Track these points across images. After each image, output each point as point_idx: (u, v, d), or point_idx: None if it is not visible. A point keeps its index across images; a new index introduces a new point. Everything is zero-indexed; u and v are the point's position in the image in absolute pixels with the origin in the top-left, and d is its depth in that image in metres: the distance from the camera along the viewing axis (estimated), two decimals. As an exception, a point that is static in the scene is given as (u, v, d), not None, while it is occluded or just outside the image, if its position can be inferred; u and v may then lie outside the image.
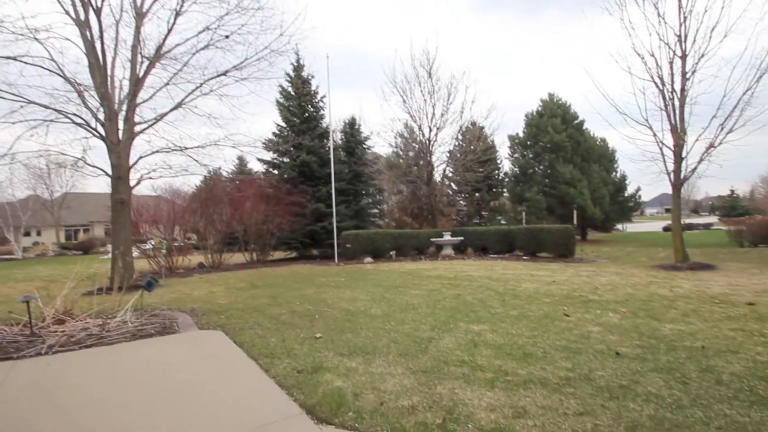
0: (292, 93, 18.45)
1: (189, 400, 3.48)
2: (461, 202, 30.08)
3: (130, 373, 4.17)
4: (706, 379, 3.38)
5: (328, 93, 16.22)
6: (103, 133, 10.33)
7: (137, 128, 10.84)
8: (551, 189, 25.96)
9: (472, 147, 22.15)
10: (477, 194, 28.80)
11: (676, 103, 11.03)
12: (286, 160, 18.34)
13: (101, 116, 10.31)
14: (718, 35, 10.43)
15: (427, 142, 21.21)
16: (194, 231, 17.14)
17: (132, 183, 10.95)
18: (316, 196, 17.27)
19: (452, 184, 27.73)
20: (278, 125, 18.49)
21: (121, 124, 10.59)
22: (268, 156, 18.53)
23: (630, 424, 2.72)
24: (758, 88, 10.22)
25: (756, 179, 54.68)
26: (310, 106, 18.80)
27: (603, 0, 12.06)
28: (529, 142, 27.72)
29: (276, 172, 18.39)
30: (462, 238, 16.51)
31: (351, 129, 21.24)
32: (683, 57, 10.85)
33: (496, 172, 29.34)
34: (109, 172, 10.52)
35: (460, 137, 23.29)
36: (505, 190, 29.69)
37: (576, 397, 3.15)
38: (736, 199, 50.29)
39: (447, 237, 16.28)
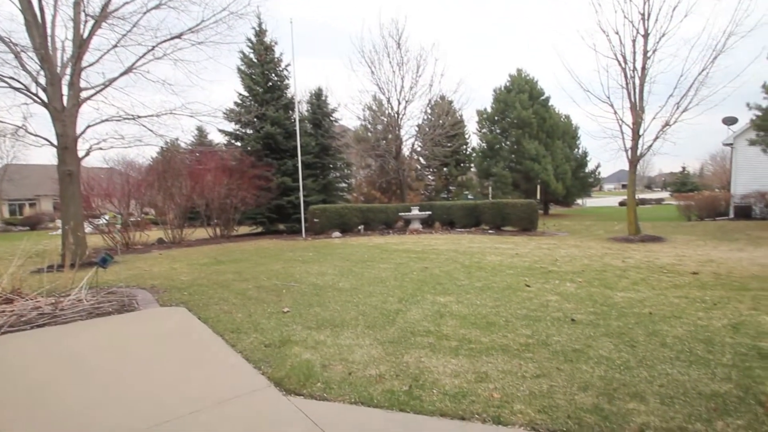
0: (255, 60, 17.53)
1: (153, 376, 3.39)
2: (429, 176, 30.28)
3: (88, 352, 4.00)
4: (651, 342, 3.65)
5: (293, 61, 15.56)
6: (45, 99, 9.45)
7: (84, 94, 10.00)
8: (517, 164, 26.55)
9: (440, 121, 22.15)
10: (445, 169, 29.05)
11: (637, 81, 11.41)
12: (249, 131, 17.60)
13: (42, 80, 9.40)
14: (679, 15, 10.76)
15: (396, 115, 21.00)
16: (152, 205, 16.33)
17: (80, 154, 10.19)
18: (282, 170, 16.81)
19: (421, 158, 27.79)
20: (240, 94, 17.62)
21: (65, 90, 9.72)
22: (230, 127, 17.72)
23: (582, 385, 2.90)
24: (713, 68, 10.72)
25: (706, 157, 58.31)
26: (273, 75, 17.97)
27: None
28: (496, 118, 27.99)
29: (239, 144, 17.65)
30: (430, 212, 16.72)
31: (318, 100, 20.60)
32: (645, 35, 11.14)
33: (464, 147, 29.58)
34: (55, 141, 9.71)
35: (428, 111, 23.21)
36: (472, 165, 30.08)
37: (534, 361, 3.32)
38: (687, 176, 53.52)
39: (415, 211, 16.44)
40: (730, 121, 21.52)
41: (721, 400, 2.63)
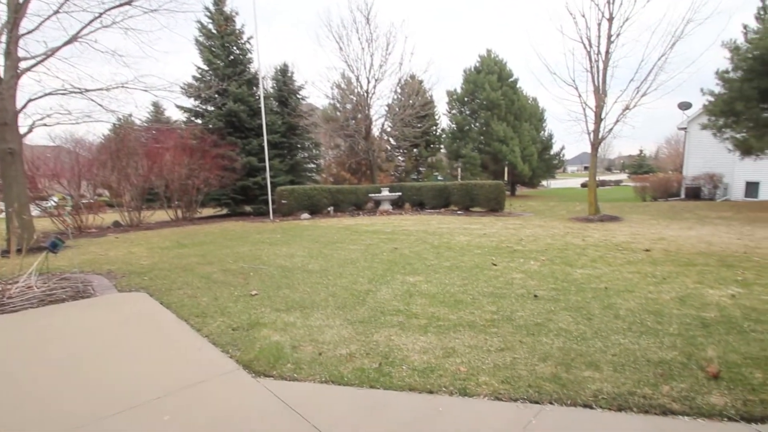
0: (214, 31, 16.60)
1: (114, 363, 3.26)
2: (400, 157, 30.25)
3: (43, 341, 3.78)
4: (606, 315, 3.87)
5: (256, 34, 14.84)
6: (-23, 69, 8.57)
7: (23, 65, 9.13)
8: (486, 146, 26.97)
9: (411, 101, 22.02)
10: (415, 150, 29.09)
11: (601, 65, 11.73)
12: (210, 108, 16.78)
13: (-27, 48, 8.50)
14: (642, 1, 11.06)
15: (366, 94, 20.65)
16: (106, 186, 15.41)
17: (22, 131, 9.39)
18: (247, 150, 16.26)
19: (391, 139, 27.66)
20: (199, 68, 16.68)
21: (1, 60, 8.84)
22: (189, 103, 16.84)
23: (542, 356, 3.05)
24: (671, 54, 11.17)
25: (662, 141, 61.46)
26: (235, 48, 17.11)
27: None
28: (466, 99, 28.14)
29: (199, 121, 16.84)
30: (400, 193, 16.78)
31: (283, 77, 19.90)
32: (610, 19, 11.41)
33: (434, 128, 29.66)
34: (-8, 116, 8.87)
35: (398, 91, 22.98)
36: (442, 146, 30.28)
37: (499, 335, 3.45)
38: (643, 159, 56.35)
39: (385, 193, 16.44)
40: (685, 106, 22.69)
41: (667, 366, 2.84)
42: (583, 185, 35.49)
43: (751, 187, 19.35)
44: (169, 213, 15.19)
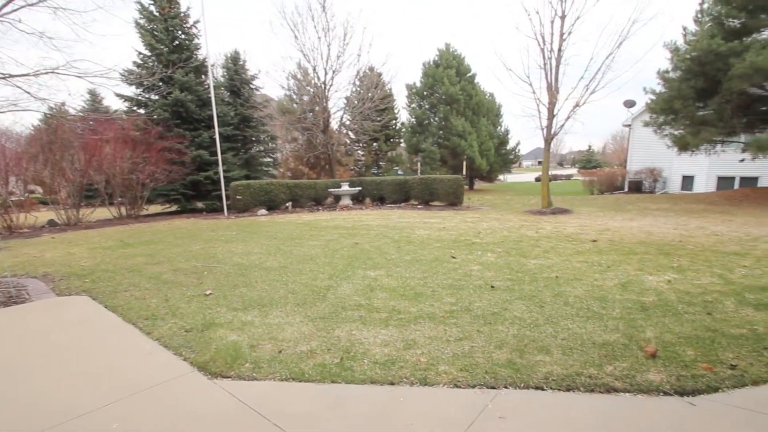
0: (156, 13, 15.55)
1: (55, 372, 3.01)
2: (359, 151, 30.14)
3: (-40, 354, 3.41)
4: (557, 302, 4.08)
5: (203, 17, 14.11)
6: None
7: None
8: (445, 140, 27.47)
9: (370, 94, 21.93)
10: (375, 144, 29.09)
11: (553, 62, 12.24)
12: (154, 97, 15.71)
13: None
14: (592, 0, 11.62)
15: (323, 86, 20.32)
16: (38, 182, 14.11)
17: (-64, 119, 8.36)
18: (197, 142, 15.47)
19: (350, 132, 27.46)
20: (140, 53, 15.53)
21: None
22: (130, 91, 15.68)
23: (498, 343, 3.17)
24: (618, 53, 11.83)
25: (608, 137, 65.56)
26: (180, 32, 16.11)
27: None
28: (425, 93, 28.45)
29: (142, 111, 15.77)
30: (360, 188, 16.73)
31: (235, 65, 19.12)
32: (563, 17, 11.90)
33: (394, 122, 29.80)
34: None
35: (357, 83, 22.81)
36: (402, 140, 30.49)
37: (457, 326, 3.54)
38: (592, 154, 59.87)
39: (345, 187, 16.32)
40: (629, 103, 24.30)
41: (610, 348, 3.04)
42: (537, 179, 37.17)
43: (687, 181, 21.16)
44: (112, 210, 14.20)
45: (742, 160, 14.69)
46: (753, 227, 8.42)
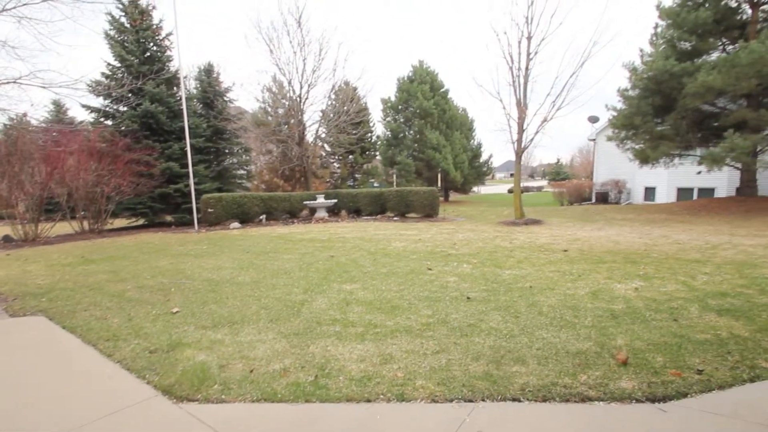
0: (127, 25, 15.24)
1: (5, 399, 2.76)
2: (335, 164, 30.10)
3: None
4: (531, 312, 4.12)
5: (176, 30, 13.77)
6: None
7: None
8: (420, 153, 27.85)
9: (345, 108, 22.03)
10: (351, 156, 29.14)
11: (521, 80, 12.69)
12: (122, 108, 15.30)
13: None
14: (555, 23, 12.24)
15: (299, 99, 20.28)
16: (-6, 196, 13.31)
17: None
18: (167, 154, 15.05)
19: (325, 145, 27.43)
20: (109, 64, 15.15)
21: None
22: (98, 102, 15.22)
23: (475, 355, 3.15)
24: (581, 72, 12.43)
25: (575, 150, 68.21)
26: (152, 44, 15.86)
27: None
28: (400, 107, 28.87)
29: (110, 123, 15.29)
30: (336, 200, 16.63)
31: (208, 77, 18.87)
32: (529, 38, 12.41)
33: (369, 134, 30.01)
34: None
35: (333, 97, 22.89)
36: (377, 153, 30.69)
37: (434, 339, 3.51)
38: (561, 167, 62.09)
39: (320, 200, 16.19)
40: (593, 119, 25.41)
41: (583, 356, 3.08)
42: (510, 191, 38.15)
43: (649, 192, 22.19)
44: (74, 225, 13.51)
45: (699, 173, 15.55)
46: (711, 236, 8.87)
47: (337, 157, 29.42)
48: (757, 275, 5.26)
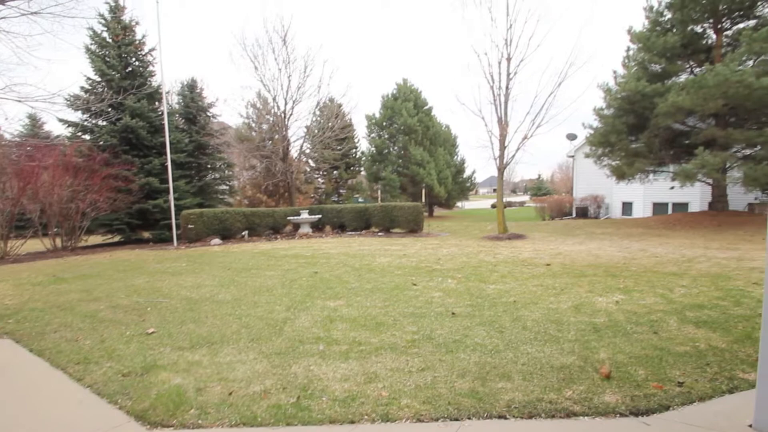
0: (109, 40, 15.12)
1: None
2: (319, 179, 30.04)
3: None
4: (516, 326, 4.13)
5: (159, 46, 13.67)
6: None
7: None
8: (404, 169, 28.09)
9: (330, 124, 22.14)
10: (335, 172, 29.14)
11: (502, 99, 13.04)
12: (102, 123, 15.07)
13: None
14: (533, 45, 12.68)
15: (283, 115, 20.29)
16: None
17: None
18: (147, 169, 14.79)
19: (310, 161, 27.40)
20: (89, 79, 14.96)
21: None
22: (76, 116, 14.95)
23: (461, 372, 3.12)
24: (559, 91, 12.85)
25: (555, 166, 69.85)
26: (134, 59, 15.74)
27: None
28: (385, 123, 29.19)
29: (87, 137, 14.98)
30: (320, 216, 16.52)
31: (191, 92, 18.78)
32: (509, 59, 12.82)
33: (354, 150, 30.14)
34: None
35: (317, 113, 23.00)
36: (362, 168, 30.79)
37: (419, 355, 3.46)
38: (542, 182, 63.42)
39: (304, 215, 16.06)
40: (571, 137, 26.17)
41: (568, 371, 3.08)
42: (493, 206, 38.62)
43: (627, 207, 22.84)
44: (45, 242, 13.01)
45: (673, 188, 16.10)
46: (687, 249, 9.13)
47: (321, 173, 29.39)
48: (732, 287, 5.41)
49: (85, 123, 15.11)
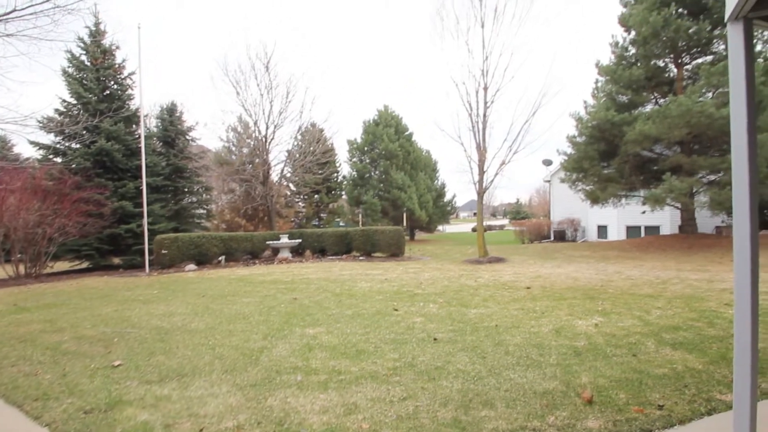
0: (88, 63, 14.96)
1: None
2: (300, 203, 29.85)
3: None
4: (498, 351, 4.09)
5: (139, 70, 13.58)
6: None
7: None
8: (386, 193, 28.31)
9: (311, 148, 22.23)
10: (316, 196, 29.06)
11: (480, 126, 13.46)
12: (76, 145, 14.68)
13: None
14: (508, 76, 13.26)
15: (264, 139, 20.29)
16: None
17: None
18: (120, 193, 14.38)
19: (291, 185, 27.28)
20: (64, 101, 14.64)
21: None
22: (48, 139, 14.55)
23: (443, 400, 3.03)
24: (534, 120, 13.39)
25: (533, 190, 71.65)
26: (112, 83, 15.59)
27: (429, 28, 13.94)
28: (366, 148, 29.56)
29: (59, 160, 14.55)
30: (300, 240, 16.32)
31: (170, 116, 18.62)
32: (485, 89, 13.33)
33: (335, 174, 30.24)
34: None
35: (299, 137, 23.12)
36: (343, 192, 30.84)
37: (401, 384, 3.36)
38: (520, 206, 64.82)
39: (284, 239, 15.83)
40: (547, 162, 27.05)
41: (550, 396, 3.04)
42: (474, 230, 39.08)
43: (602, 230, 23.49)
44: (7, 269, 12.34)
45: (644, 212, 16.71)
46: (660, 271, 9.39)
47: (302, 197, 29.25)
48: (705, 308, 5.55)
49: (58, 145, 14.70)
